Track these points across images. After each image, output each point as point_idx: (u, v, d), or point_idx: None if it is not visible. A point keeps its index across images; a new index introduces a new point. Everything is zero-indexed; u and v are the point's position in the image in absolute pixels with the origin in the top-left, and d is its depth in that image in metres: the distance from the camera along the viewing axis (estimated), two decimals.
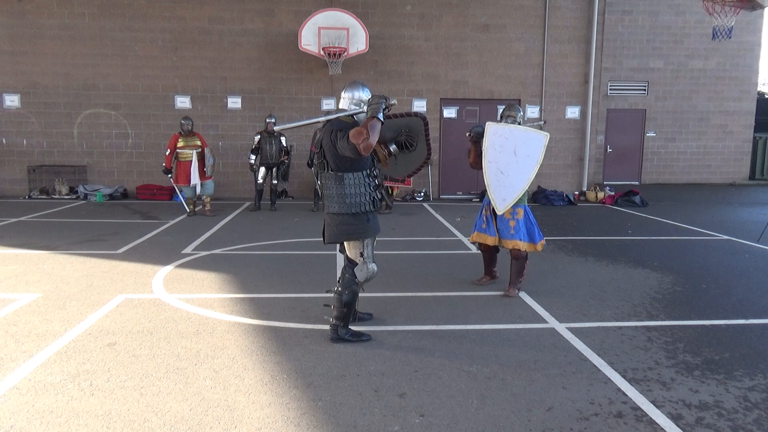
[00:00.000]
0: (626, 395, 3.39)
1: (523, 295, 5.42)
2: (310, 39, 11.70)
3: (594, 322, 4.71)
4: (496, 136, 5.24)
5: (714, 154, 16.48)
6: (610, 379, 3.62)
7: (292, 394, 3.37)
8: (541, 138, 5.20)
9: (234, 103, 12.74)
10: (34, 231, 8.44)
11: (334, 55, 11.68)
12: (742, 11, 11.34)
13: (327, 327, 4.29)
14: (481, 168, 5.44)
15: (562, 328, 4.53)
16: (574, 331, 4.46)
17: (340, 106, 4.18)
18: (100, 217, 9.95)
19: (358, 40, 11.81)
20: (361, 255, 4.08)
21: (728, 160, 16.55)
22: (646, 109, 16.11)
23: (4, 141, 12.56)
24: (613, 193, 12.83)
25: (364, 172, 4.05)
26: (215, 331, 4.38)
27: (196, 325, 4.48)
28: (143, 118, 12.70)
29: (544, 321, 4.72)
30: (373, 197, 4.07)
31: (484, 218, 5.49)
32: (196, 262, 6.62)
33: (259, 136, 10.54)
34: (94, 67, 12.47)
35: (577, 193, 13.31)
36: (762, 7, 11.44)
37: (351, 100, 4.11)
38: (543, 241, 5.44)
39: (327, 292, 4.37)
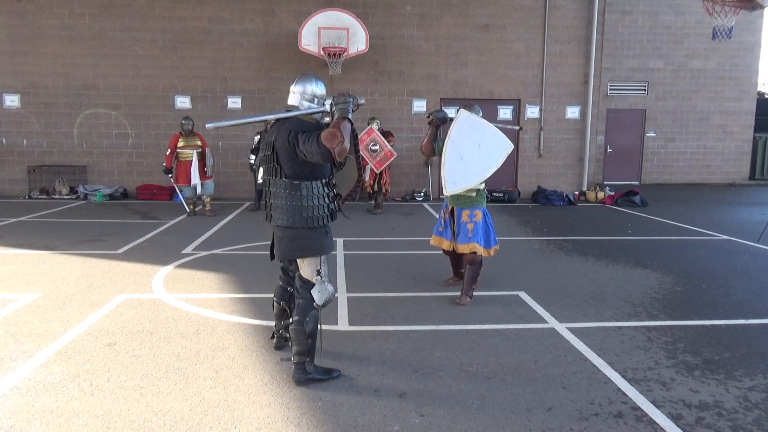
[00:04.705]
0: (626, 395, 3.39)
1: (523, 295, 5.42)
2: (310, 39, 11.70)
3: (594, 322, 4.71)
4: (466, 123, 5.15)
5: (714, 154, 16.49)
6: (610, 379, 3.62)
7: (292, 394, 3.37)
8: (507, 146, 5.12)
9: (234, 103, 12.74)
10: (34, 231, 8.44)
11: (334, 55, 11.68)
12: (742, 11, 11.34)
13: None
14: (430, 156, 5.48)
15: (562, 328, 4.53)
16: (574, 331, 4.46)
17: (290, 102, 3.68)
18: (100, 217, 9.95)
19: (358, 40, 11.81)
20: (318, 273, 3.55)
21: (728, 160, 16.57)
22: (646, 109, 16.12)
23: (4, 141, 12.56)
24: (613, 193, 12.83)
25: (323, 181, 3.57)
26: (215, 331, 4.38)
27: (196, 325, 4.48)
28: (143, 118, 12.70)
29: (544, 321, 4.72)
30: (332, 209, 3.60)
31: (442, 221, 5.42)
32: (196, 262, 6.62)
33: (258, 136, 10.54)
34: (94, 67, 12.47)
35: (577, 193, 13.31)
36: (762, 7, 11.44)
37: (303, 95, 3.64)
38: (496, 247, 5.34)
39: (274, 336, 4.02)
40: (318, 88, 3.67)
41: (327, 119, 3.79)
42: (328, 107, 3.55)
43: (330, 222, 3.61)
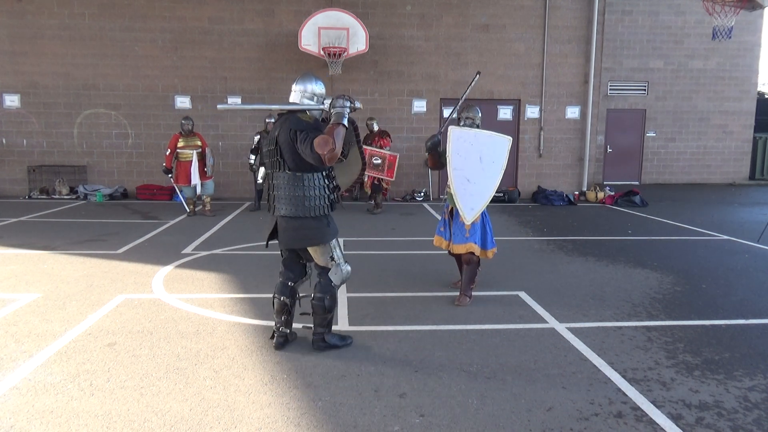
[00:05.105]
0: (626, 395, 3.39)
1: (523, 295, 5.42)
2: (310, 39, 11.70)
3: (594, 322, 4.71)
4: (459, 141, 5.03)
5: (714, 154, 16.49)
6: (610, 379, 3.62)
7: (292, 394, 3.37)
8: (505, 142, 5.05)
9: (234, 103, 12.74)
10: (34, 231, 8.44)
11: (334, 55, 11.68)
12: (742, 11, 11.34)
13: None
14: (440, 169, 5.36)
15: (562, 328, 4.53)
16: (574, 331, 4.46)
17: (291, 100, 3.92)
18: (100, 217, 9.95)
19: (358, 40, 11.81)
20: (332, 259, 3.89)
21: (728, 160, 16.57)
22: (646, 109, 16.13)
23: (4, 141, 12.57)
24: (613, 193, 12.83)
25: (323, 173, 3.83)
26: (215, 331, 4.38)
27: (196, 325, 4.48)
28: (143, 118, 12.70)
29: (544, 321, 4.72)
30: (332, 199, 3.86)
31: (443, 221, 5.36)
32: (196, 262, 6.62)
33: (258, 136, 10.54)
34: (94, 67, 12.47)
35: (577, 193, 13.31)
36: (762, 7, 11.44)
37: (303, 94, 3.87)
38: (494, 249, 5.28)
39: (302, 314, 4.12)
40: (317, 87, 3.91)
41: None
42: (327, 106, 3.79)
43: (330, 212, 3.87)
